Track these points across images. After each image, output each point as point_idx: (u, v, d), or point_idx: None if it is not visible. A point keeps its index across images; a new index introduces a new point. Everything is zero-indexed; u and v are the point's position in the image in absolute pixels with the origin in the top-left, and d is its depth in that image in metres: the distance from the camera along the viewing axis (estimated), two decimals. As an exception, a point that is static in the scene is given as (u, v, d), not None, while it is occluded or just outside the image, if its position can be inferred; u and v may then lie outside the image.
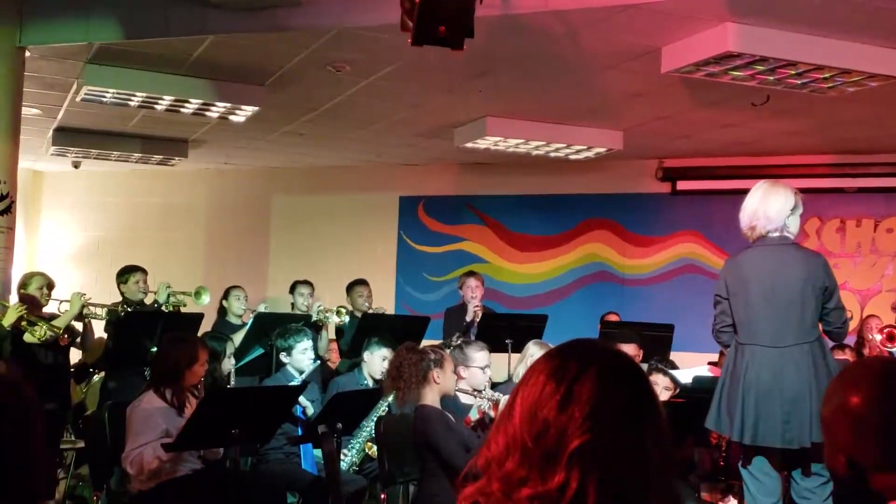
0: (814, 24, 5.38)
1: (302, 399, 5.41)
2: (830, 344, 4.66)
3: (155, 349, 5.99)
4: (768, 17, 5.31)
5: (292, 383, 5.69)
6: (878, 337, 7.32)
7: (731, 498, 5.95)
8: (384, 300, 9.20)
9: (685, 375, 5.96)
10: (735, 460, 5.54)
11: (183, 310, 7.65)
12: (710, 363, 7.12)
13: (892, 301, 9.01)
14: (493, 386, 5.23)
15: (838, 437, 1.58)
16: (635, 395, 1.51)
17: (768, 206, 4.36)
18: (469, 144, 8.35)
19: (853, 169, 9.09)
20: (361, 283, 8.40)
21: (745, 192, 9.80)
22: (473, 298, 7.69)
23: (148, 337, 6.29)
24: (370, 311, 8.00)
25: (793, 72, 5.77)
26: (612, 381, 1.50)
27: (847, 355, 7.09)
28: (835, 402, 1.60)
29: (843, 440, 1.57)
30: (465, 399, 4.95)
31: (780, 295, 4.30)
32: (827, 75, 5.82)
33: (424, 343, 5.89)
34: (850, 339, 7.44)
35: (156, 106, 7.18)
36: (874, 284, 9.17)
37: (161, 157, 9.51)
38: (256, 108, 7.20)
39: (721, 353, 7.16)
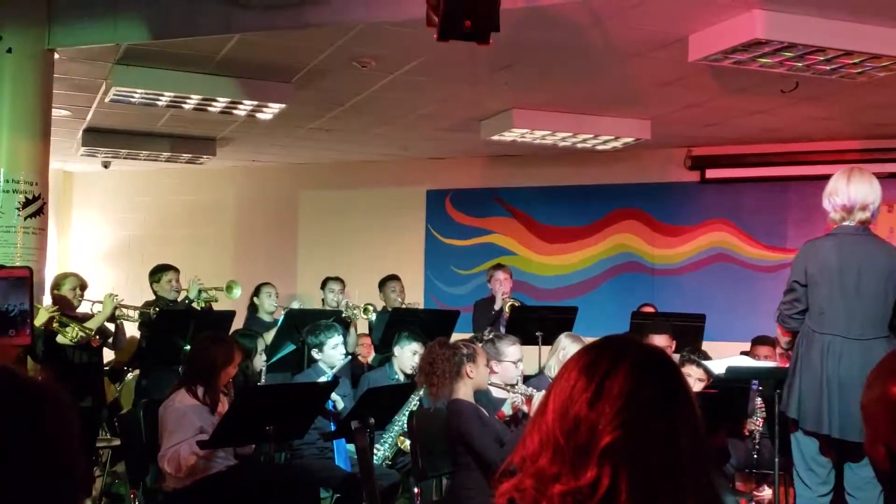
0: (842, 10, 5.32)
1: (333, 394, 5.43)
2: None
3: (188, 347, 6.03)
4: (796, 4, 5.25)
5: (323, 379, 5.71)
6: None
7: (766, 488, 5.92)
8: (413, 294, 9.22)
9: (718, 366, 5.91)
10: (769, 452, 5.51)
11: (214, 306, 7.71)
12: (742, 352, 7.08)
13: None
14: (525, 379, 5.22)
15: (878, 426, 1.57)
16: (667, 389, 1.51)
17: (868, 194, 4.29)
18: (496, 137, 8.33)
19: (884, 154, 8.97)
20: (394, 278, 8.42)
21: (774, 179, 9.74)
22: (502, 291, 7.69)
23: (180, 335, 6.34)
24: (401, 307, 8.02)
25: (822, 58, 5.70)
26: (643, 376, 1.50)
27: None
28: (875, 392, 1.59)
29: (882, 430, 1.56)
30: (497, 393, 4.95)
31: (866, 286, 4.21)
32: (856, 60, 5.75)
33: (454, 337, 5.90)
34: None
35: (183, 105, 7.21)
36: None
37: (190, 155, 9.57)
38: (283, 106, 7.22)
39: (755, 342, 7.13)
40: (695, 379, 5.60)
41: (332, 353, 5.91)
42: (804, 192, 8.75)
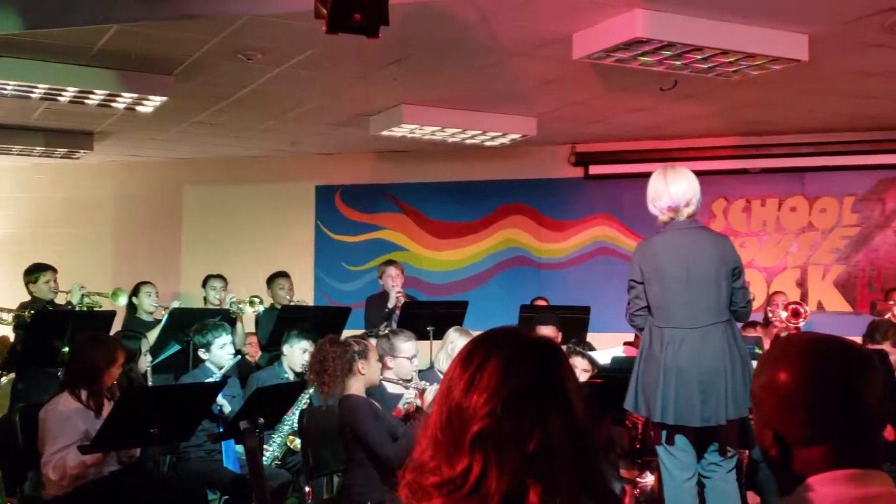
0: (719, 10, 5.51)
1: (219, 397, 5.34)
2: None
3: (66, 349, 5.84)
4: (675, 4, 5.41)
5: (211, 379, 5.60)
6: (784, 313, 7.57)
7: (648, 474, 6.09)
8: (302, 291, 9.14)
9: (603, 356, 6.06)
10: (651, 439, 5.68)
11: (96, 310, 7.48)
12: (625, 343, 7.27)
13: (796, 278, 9.33)
14: (418, 374, 5.23)
15: (766, 411, 1.63)
16: (538, 378, 1.52)
17: (688, 190, 4.46)
18: (385, 132, 8.32)
19: (757, 150, 9.35)
20: (282, 275, 8.32)
21: (656, 175, 9.89)
22: (394, 287, 7.69)
23: (58, 337, 6.13)
24: (290, 304, 7.94)
25: (699, 56, 5.89)
26: (514, 365, 1.52)
27: (758, 332, 7.31)
28: (764, 378, 1.64)
29: (770, 414, 1.62)
30: (391, 389, 4.94)
31: (696, 277, 4.39)
32: (731, 59, 5.96)
33: (345, 333, 5.87)
34: (757, 316, 7.66)
35: (59, 98, 6.99)
36: (779, 262, 9.46)
37: (65, 150, 9.28)
38: (164, 99, 7.05)
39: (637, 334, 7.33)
40: (580, 370, 5.72)
41: (220, 353, 5.80)
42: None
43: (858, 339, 5.17)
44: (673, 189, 4.46)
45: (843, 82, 7.09)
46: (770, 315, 7.77)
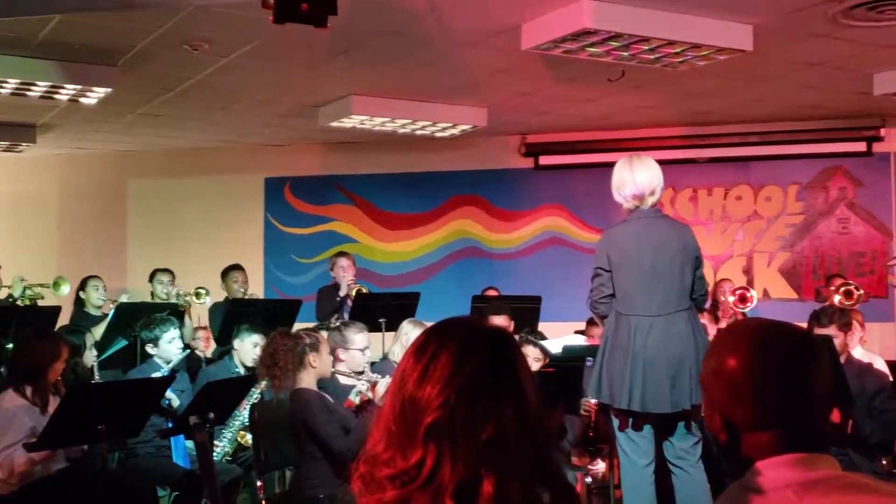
0: (665, 1, 5.55)
1: (168, 392, 5.29)
2: None
3: (11, 345, 5.73)
4: (623, -6, 5.45)
5: (159, 374, 5.54)
6: (731, 299, 7.70)
7: (600, 461, 6.16)
8: (252, 284, 9.02)
9: (554, 345, 6.10)
10: (604, 427, 5.73)
11: (40, 303, 7.36)
12: (576, 332, 7.33)
13: (742, 265, 9.48)
14: (370, 365, 5.22)
15: (715, 397, 1.65)
16: (491, 367, 1.53)
17: (653, 178, 4.50)
18: (334, 123, 8.27)
19: (704, 140, 9.46)
20: (236, 268, 8.23)
21: (603, 165, 10.08)
22: (345, 278, 7.65)
23: (2, 333, 6.02)
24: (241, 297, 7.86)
25: (646, 47, 5.94)
26: (467, 355, 1.52)
27: (705, 318, 7.40)
28: (713, 363, 1.66)
29: (719, 400, 1.64)
30: (344, 381, 4.93)
31: (662, 266, 4.44)
32: (678, 50, 6.01)
33: (297, 326, 5.83)
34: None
35: (0, 90, 6.82)
36: (726, 250, 9.59)
37: (7, 143, 9.12)
38: (109, 90, 6.93)
39: (589, 322, 7.40)
40: (532, 359, 5.76)
41: (168, 348, 5.73)
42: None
43: (804, 325, 5.26)
44: (638, 177, 4.50)
45: (787, 72, 7.20)
46: (722, 300, 7.87)
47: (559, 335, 6.87)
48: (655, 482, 4.53)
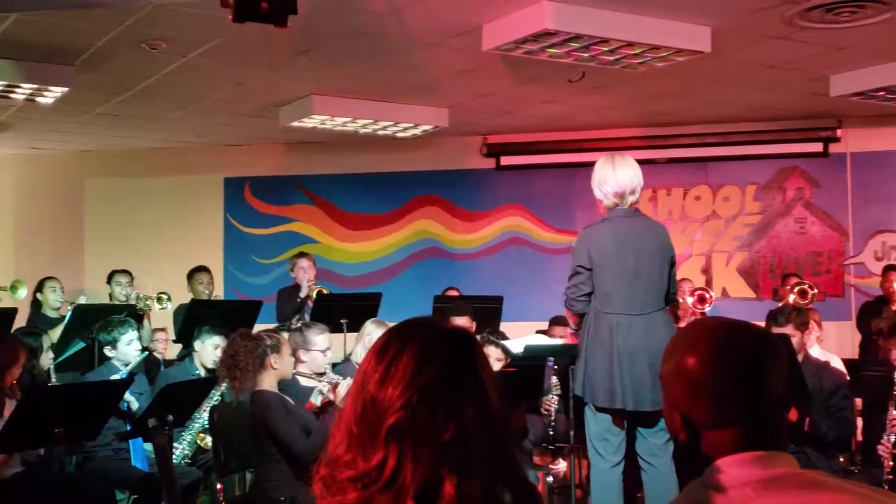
0: (624, 2, 5.60)
1: (126, 394, 5.23)
2: None
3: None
4: (583, -4, 5.49)
5: (117, 377, 5.48)
6: (691, 299, 7.77)
7: (561, 460, 6.19)
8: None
9: (516, 345, 6.12)
10: (564, 425, 5.77)
11: (-4, 306, 7.25)
12: (538, 331, 7.35)
13: (701, 265, 9.58)
14: (332, 367, 5.21)
15: (675, 395, 1.66)
16: (453, 368, 1.52)
17: (634, 178, 4.53)
18: (295, 123, 8.24)
19: (663, 141, 9.55)
20: (202, 270, 8.17)
21: (564, 165, 10.14)
22: (306, 278, 7.62)
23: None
24: (203, 299, 7.80)
25: (606, 48, 5.98)
26: (429, 356, 1.52)
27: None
28: (672, 363, 1.67)
29: (679, 399, 1.65)
30: (305, 383, 4.90)
31: (643, 265, 4.48)
32: (637, 51, 6.07)
33: (257, 327, 5.80)
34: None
35: (-46, 89, 6.75)
36: (685, 250, 9.68)
37: (-39, 143, 8.94)
38: (66, 90, 6.86)
39: (551, 322, 7.43)
40: (494, 359, 5.77)
41: (126, 350, 5.66)
42: (591, 178, 9.13)
43: (762, 324, 5.33)
44: (620, 175, 4.53)
45: (745, 73, 7.29)
46: (681, 300, 7.95)
47: (521, 335, 6.89)
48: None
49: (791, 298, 7.38)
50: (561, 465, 6.19)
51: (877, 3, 5.55)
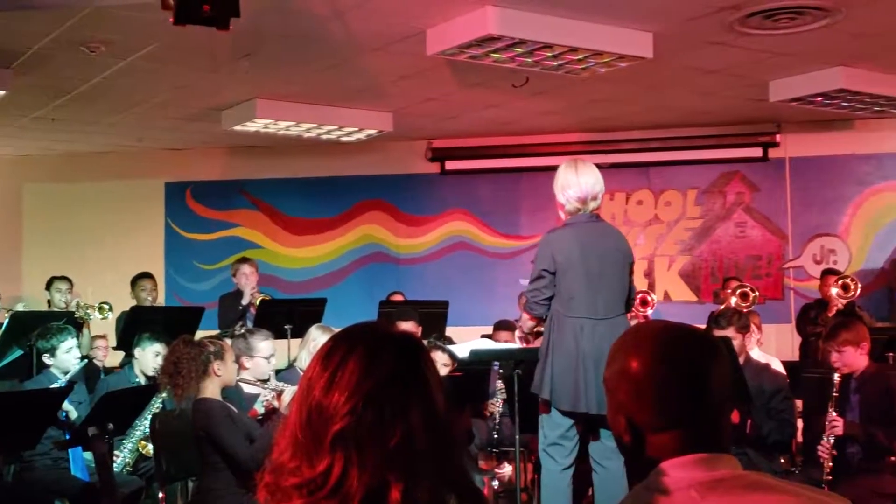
0: (568, 8, 5.64)
1: (66, 403, 5.14)
2: None
3: None
4: (527, 1, 5.52)
5: (56, 385, 5.37)
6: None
7: (506, 464, 6.21)
8: (153, 292, 8.84)
9: (462, 349, 6.12)
10: (509, 430, 5.78)
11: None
12: (483, 336, 7.37)
13: (644, 269, 9.69)
14: (276, 373, 5.17)
15: (619, 398, 1.67)
16: (399, 374, 1.51)
17: (597, 184, 4.57)
18: (238, 127, 8.16)
19: (606, 146, 9.63)
20: (145, 276, 8.04)
21: (509, 170, 10.18)
22: (248, 285, 7.54)
23: None
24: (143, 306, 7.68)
25: (549, 54, 6.03)
26: (374, 361, 1.51)
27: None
28: (616, 366, 1.68)
29: (623, 402, 1.66)
30: (248, 389, 4.86)
31: (606, 270, 4.52)
32: (580, 57, 6.12)
33: (200, 334, 5.73)
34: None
35: None
36: (628, 254, 9.77)
37: None
38: (2, 93, 6.72)
39: (496, 327, 7.45)
40: (441, 364, 5.76)
41: (65, 358, 5.56)
42: (535, 183, 9.21)
43: (703, 327, 5.40)
44: (583, 180, 4.57)
45: (686, 79, 7.39)
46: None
47: (466, 339, 6.91)
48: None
49: (732, 301, 7.48)
50: (506, 470, 6.21)
51: (815, 10, 5.67)
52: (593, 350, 4.41)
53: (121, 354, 7.31)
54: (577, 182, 4.56)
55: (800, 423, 5.65)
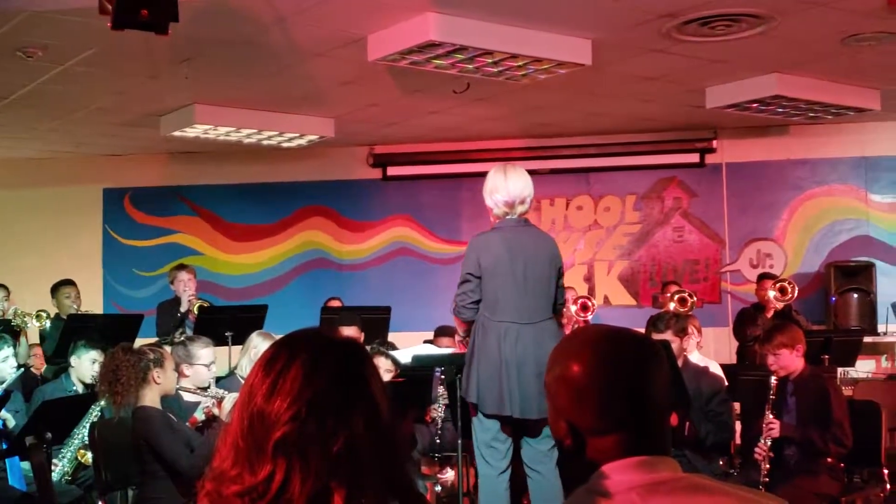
0: (508, 15, 5.70)
1: (2, 412, 5.03)
2: None
3: None
4: (467, 8, 5.56)
5: (-9, 395, 5.26)
6: (574, 307, 7.93)
7: (449, 469, 6.23)
8: (91, 299, 8.69)
9: (404, 355, 6.13)
10: (453, 435, 5.80)
11: None
12: (425, 341, 7.38)
13: (584, 273, 9.80)
14: (217, 381, 5.12)
15: (560, 402, 1.68)
16: (341, 380, 1.51)
17: (525, 188, 4.59)
18: (177, 133, 8.07)
19: (545, 152, 9.72)
20: (67, 283, 7.86)
21: (450, 176, 10.22)
22: (186, 291, 7.45)
23: None
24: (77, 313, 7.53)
25: (490, 60, 6.08)
26: (316, 368, 1.50)
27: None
28: (557, 371, 1.69)
29: (564, 406, 1.67)
30: (189, 397, 4.81)
31: (533, 274, 4.54)
32: (520, 63, 6.18)
33: (138, 342, 5.65)
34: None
35: None
36: (568, 259, 9.87)
37: None
38: (-66, 97, 6.57)
39: (437, 333, 7.47)
40: (384, 370, 5.76)
41: (1, 367, 5.45)
42: (476, 189, 9.19)
43: (643, 331, 5.47)
44: (511, 185, 4.59)
45: (624, 86, 7.50)
46: (564, 309, 8.10)
47: (408, 345, 6.91)
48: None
49: (671, 306, 7.59)
50: (449, 475, 6.22)
51: (750, 18, 5.80)
52: (516, 355, 4.45)
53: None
54: (506, 186, 4.60)
55: (738, 426, 5.74)
